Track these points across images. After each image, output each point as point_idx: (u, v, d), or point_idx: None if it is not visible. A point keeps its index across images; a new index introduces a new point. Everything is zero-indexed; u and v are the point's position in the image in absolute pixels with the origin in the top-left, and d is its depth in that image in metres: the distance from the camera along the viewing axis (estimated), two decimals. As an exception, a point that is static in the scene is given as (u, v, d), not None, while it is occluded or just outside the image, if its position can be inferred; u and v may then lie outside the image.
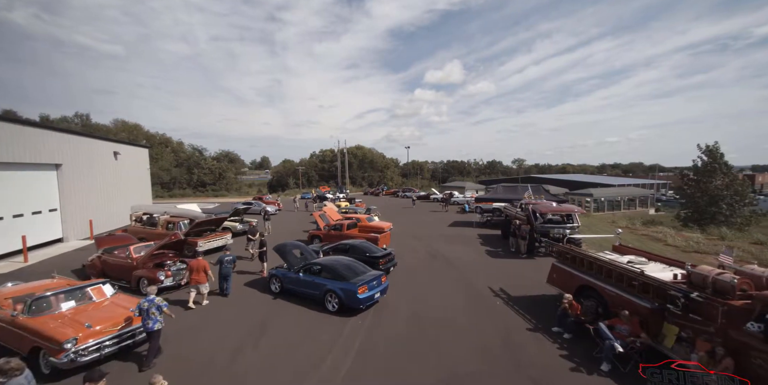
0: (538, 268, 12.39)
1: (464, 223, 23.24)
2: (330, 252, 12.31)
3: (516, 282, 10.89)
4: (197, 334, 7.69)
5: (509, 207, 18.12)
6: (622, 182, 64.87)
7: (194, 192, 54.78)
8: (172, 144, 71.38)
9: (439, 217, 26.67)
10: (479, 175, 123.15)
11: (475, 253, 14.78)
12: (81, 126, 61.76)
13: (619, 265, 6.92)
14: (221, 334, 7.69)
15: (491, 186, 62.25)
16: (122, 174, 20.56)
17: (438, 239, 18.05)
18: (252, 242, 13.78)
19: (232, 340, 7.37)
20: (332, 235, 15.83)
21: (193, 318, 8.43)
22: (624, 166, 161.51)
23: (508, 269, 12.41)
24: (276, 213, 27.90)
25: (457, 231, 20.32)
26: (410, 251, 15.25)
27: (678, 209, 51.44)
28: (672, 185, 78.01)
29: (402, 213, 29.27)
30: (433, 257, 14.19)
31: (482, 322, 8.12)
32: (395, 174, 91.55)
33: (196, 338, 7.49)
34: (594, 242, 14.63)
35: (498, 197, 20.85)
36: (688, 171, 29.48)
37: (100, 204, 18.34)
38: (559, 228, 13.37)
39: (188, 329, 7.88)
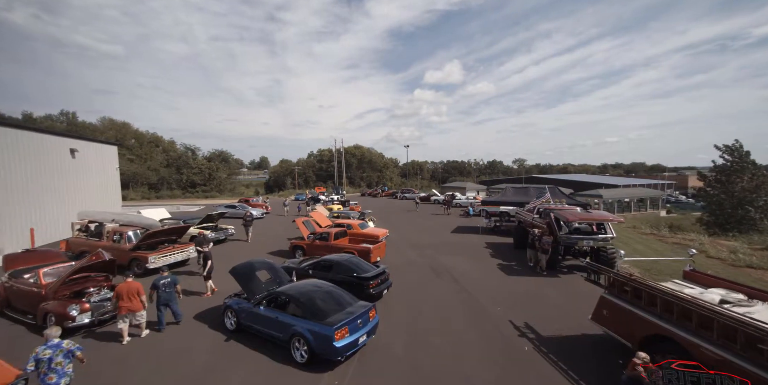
0: (566, 290, 10.04)
1: (469, 229, 20.87)
2: (309, 271, 9.95)
3: (543, 312, 8.53)
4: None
5: (523, 212, 15.76)
6: (626, 183, 62.63)
7: (183, 193, 52.36)
8: (163, 143, 69.06)
9: (441, 221, 24.30)
10: (480, 175, 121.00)
11: (485, 268, 12.40)
12: (66, 125, 59.35)
13: (727, 313, 4.54)
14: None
15: (498, 187, 59.46)
16: (82, 174, 18.16)
17: (441, 248, 15.68)
18: (202, 254, 11.47)
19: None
20: (317, 246, 13.47)
21: (110, 368, 6.04)
22: (626, 166, 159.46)
23: (529, 291, 10.05)
24: (263, 217, 25.50)
25: (462, 239, 17.95)
26: (409, 265, 12.88)
27: (688, 212, 49.27)
28: (677, 186, 75.64)
29: (401, 217, 26.89)
30: (436, 274, 11.81)
31: (510, 380, 5.76)
32: (394, 174, 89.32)
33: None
34: (639, 260, 12.26)
35: (507, 199, 18.51)
36: (711, 171, 27.12)
37: (48, 210, 15.91)
38: (588, 240, 11.01)
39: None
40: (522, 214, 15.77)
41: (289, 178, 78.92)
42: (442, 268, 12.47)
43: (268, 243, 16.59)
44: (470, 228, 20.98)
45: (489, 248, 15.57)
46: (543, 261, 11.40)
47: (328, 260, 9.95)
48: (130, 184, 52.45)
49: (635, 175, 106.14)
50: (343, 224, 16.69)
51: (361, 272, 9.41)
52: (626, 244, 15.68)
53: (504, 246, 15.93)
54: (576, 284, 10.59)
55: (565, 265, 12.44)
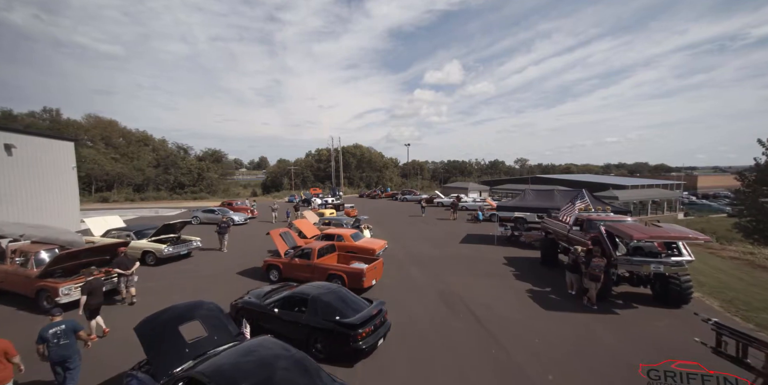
0: (628, 334, 7.22)
1: (481, 238, 17.99)
2: (274, 310, 7.09)
3: (608, 372, 5.68)
4: None
5: (551, 221, 12.91)
6: (634, 183, 59.75)
7: (170, 195, 49.46)
8: (153, 142, 66.18)
9: (447, 228, 21.42)
10: (481, 175, 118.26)
11: (512, 296, 9.53)
12: (50, 122, 56.44)
13: None
14: None
15: (501, 188, 56.69)
16: (21, 175, 15.30)
17: (451, 264, 12.82)
18: (124, 278, 8.68)
19: None
20: (296, 265, 10.61)
21: None
22: (629, 166, 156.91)
23: (579, 335, 7.19)
24: (246, 222, 22.61)
25: (474, 251, 15.07)
26: (412, 291, 10.01)
27: (705, 214, 46.37)
28: (686, 186, 72.77)
29: (403, 223, 23.99)
30: (448, 306, 8.94)
31: None
32: (394, 174, 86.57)
33: None
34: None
35: (528, 205, 15.66)
36: (751, 171, 24.21)
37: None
38: (657, 264, 8.13)
39: None
40: (551, 223, 12.91)
41: (286, 178, 76.22)
42: (455, 296, 9.59)
43: (244, 257, 13.73)
44: (482, 237, 18.10)
45: (509, 265, 12.69)
46: (592, 291, 8.52)
47: (302, 295, 7.08)
48: (114, 184, 49.64)
49: (640, 176, 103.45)
50: (332, 234, 13.85)
51: (346, 314, 6.57)
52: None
53: (527, 262, 13.06)
54: (639, 323, 7.76)
55: (617, 292, 9.58)
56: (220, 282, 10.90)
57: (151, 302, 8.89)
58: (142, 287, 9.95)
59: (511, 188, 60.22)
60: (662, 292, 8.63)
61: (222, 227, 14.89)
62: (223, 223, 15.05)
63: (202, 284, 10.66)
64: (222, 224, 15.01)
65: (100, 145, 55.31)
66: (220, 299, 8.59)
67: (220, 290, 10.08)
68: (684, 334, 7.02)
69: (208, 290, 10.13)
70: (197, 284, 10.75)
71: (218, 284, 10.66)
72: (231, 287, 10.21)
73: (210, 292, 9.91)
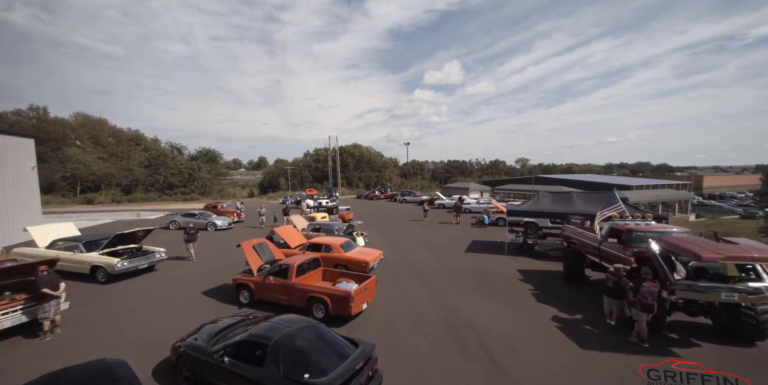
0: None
1: (488, 245, 16.10)
2: (224, 360, 5.20)
3: None
4: None
5: (574, 230, 11.03)
6: (639, 183, 58.05)
7: (160, 196, 47.52)
8: (145, 142, 64.17)
9: (450, 233, 19.52)
10: (482, 175, 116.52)
11: (537, 328, 7.63)
12: (36, 121, 54.47)
13: None
14: None
15: (502, 188, 54.55)
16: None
17: (458, 281, 10.93)
18: (52, 302, 6.84)
19: None
20: (270, 286, 8.72)
21: None
22: (631, 166, 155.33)
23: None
24: (230, 227, 20.67)
25: (483, 262, 13.18)
26: (412, 321, 8.10)
27: (717, 216, 44.47)
28: (691, 186, 71.05)
29: (401, 227, 22.08)
30: (458, 341, 7.05)
31: None
32: (394, 174, 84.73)
33: None
34: None
35: (543, 209, 13.77)
36: None
37: None
38: (729, 291, 6.24)
39: None
40: (573, 231, 11.01)
41: (283, 178, 74.38)
42: (465, 328, 7.68)
43: (217, 271, 11.82)
44: (490, 245, 16.21)
45: (526, 281, 10.80)
46: (642, 325, 6.64)
47: (260, 339, 5.18)
48: (101, 185, 47.69)
49: (642, 175, 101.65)
50: (319, 243, 11.96)
51: (320, 367, 4.70)
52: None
53: (546, 277, 11.17)
54: (710, 368, 5.86)
55: (668, 321, 7.68)
56: (179, 306, 8.99)
57: (76, 338, 7.02)
58: (74, 314, 8.08)
59: (514, 189, 58.40)
60: (730, 324, 6.75)
61: (190, 233, 13.04)
62: (191, 229, 13.18)
63: (155, 310, 8.75)
64: (190, 230, 13.14)
65: (88, 144, 53.36)
66: (172, 333, 6.72)
67: (175, 318, 8.18)
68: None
69: (159, 319, 8.22)
70: (150, 308, 8.84)
71: (176, 310, 8.76)
72: (191, 315, 8.32)
73: (162, 322, 8.01)
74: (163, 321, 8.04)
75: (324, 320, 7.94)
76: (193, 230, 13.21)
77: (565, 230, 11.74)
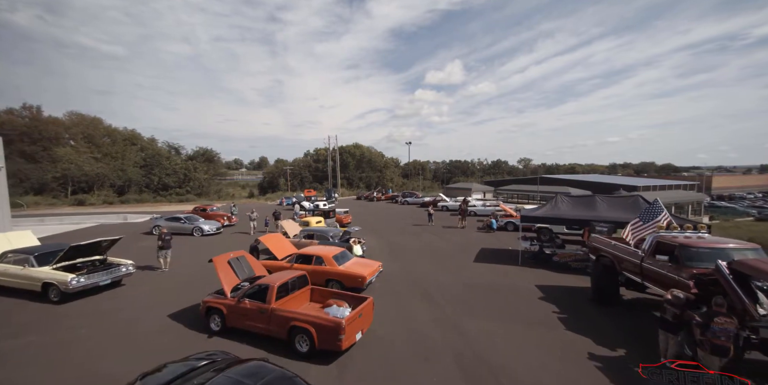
0: None
1: (500, 254, 14.59)
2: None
3: None
4: None
5: (605, 241, 9.50)
6: (646, 184, 56.44)
7: (154, 197, 46.15)
8: (141, 141, 62.85)
9: (457, 239, 18.00)
10: (484, 175, 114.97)
11: (571, 368, 6.12)
12: (29, 119, 53.23)
13: None
14: None
15: (515, 189, 52.50)
16: None
17: (468, 298, 9.42)
18: None
19: None
20: (245, 310, 7.25)
21: None
22: (635, 166, 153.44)
23: None
24: (218, 232, 19.21)
25: (496, 275, 11.68)
26: (415, 353, 6.59)
27: (731, 218, 42.70)
28: (700, 187, 69.17)
29: (403, 233, 20.57)
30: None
31: None
32: (395, 174, 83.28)
33: None
34: None
35: (562, 214, 12.23)
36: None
37: None
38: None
39: None
40: (604, 243, 9.49)
41: (282, 179, 73.03)
42: (481, 365, 6.18)
43: (192, 286, 10.35)
44: (500, 253, 14.69)
45: (548, 300, 9.28)
46: (715, 367, 5.12)
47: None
48: (94, 186, 46.35)
49: (647, 176, 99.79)
50: (309, 255, 10.49)
51: None
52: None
53: (572, 295, 9.67)
54: None
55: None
56: (139, 332, 7.53)
57: (4, 379, 5.57)
58: (14, 344, 6.64)
59: (518, 189, 56.75)
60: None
61: (165, 239, 11.63)
62: (164, 235, 11.75)
63: (111, 338, 7.30)
64: (164, 235, 11.71)
65: (82, 144, 52.09)
66: (124, 369, 5.26)
67: (133, 349, 6.73)
68: None
69: (112, 350, 6.76)
70: (106, 336, 7.38)
71: (135, 338, 7.30)
72: (150, 345, 6.89)
73: (115, 354, 6.55)
74: (116, 353, 6.60)
75: (309, 354, 6.49)
76: (167, 237, 11.78)
77: (591, 240, 10.20)
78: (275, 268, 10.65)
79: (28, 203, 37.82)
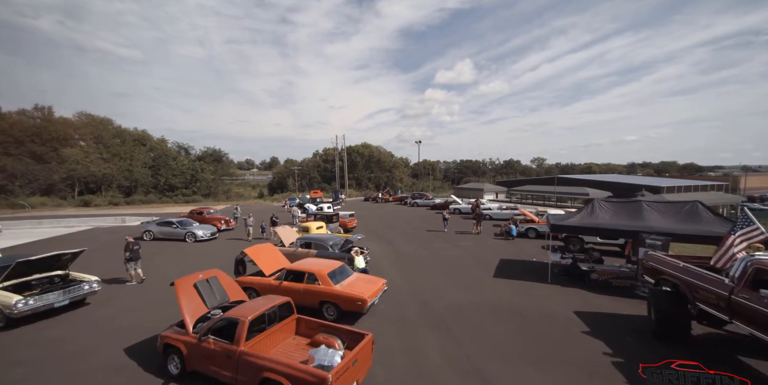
0: None
1: (525, 267, 12.70)
2: None
3: None
4: None
5: (670, 264, 7.56)
6: (671, 184, 53.00)
7: (160, 198, 45.60)
8: (150, 141, 62.82)
9: (472, 248, 16.13)
10: (495, 175, 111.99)
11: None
12: (41, 120, 53.61)
13: None
14: None
15: (530, 190, 49.45)
16: None
17: (492, 332, 7.62)
18: None
19: None
20: (207, 352, 5.66)
21: None
22: (655, 166, 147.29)
23: None
24: (213, 237, 17.85)
25: (522, 296, 9.83)
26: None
27: None
28: (728, 187, 64.94)
29: (413, 240, 18.83)
30: None
31: None
32: (405, 174, 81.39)
33: None
34: None
35: (600, 223, 10.28)
36: None
37: None
38: None
39: None
40: (667, 264, 7.55)
41: (290, 179, 72.20)
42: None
43: (164, 307, 8.86)
44: (525, 266, 12.79)
45: (593, 334, 7.40)
46: None
47: None
48: (102, 187, 46.12)
49: (669, 175, 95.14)
50: (301, 271, 8.89)
51: None
52: None
53: (621, 326, 7.77)
54: None
55: None
56: (81, 376, 6.05)
57: None
58: None
59: (533, 190, 54.09)
60: None
61: (132, 249, 10.23)
62: (132, 245, 10.35)
63: (51, 380, 5.83)
64: (131, 246, 10.31)
65: (91, 144, 52.13)
66: None
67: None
68: None
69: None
70: (47, 376, 5.93)
71: (78, 380, 5.82)
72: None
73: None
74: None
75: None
76: (135, 246, 10.39)
77: (648, 258, 8.26)
78: (261, 286, 9.11)
79: (35, 204, 37.63)
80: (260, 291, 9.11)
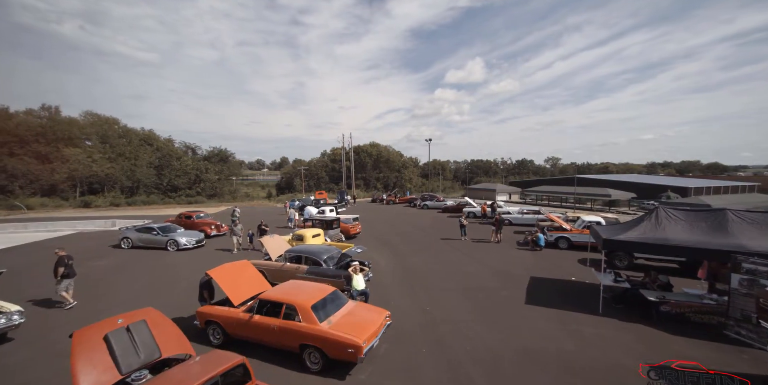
0: None
1: (564, 290, 10.29)
2: None
3: None
4: None
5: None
6: (699, 184, 49.14)
7: (162, 198, 44.45)
8: (157, 141, 62.14)
9: (494, 262, 13.73)
10: (507, 175, 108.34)
11: None
12: (47, 120, 53.35)
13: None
14: None
15: (546, 191, 45.64)
16: None
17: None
18: None
19: None
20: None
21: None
22: (677, 165, 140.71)
23: None
24: (200, 244, 15.91)
25: (568, 335, 7.48)
26: None
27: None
28: (761, 187, 60.29)
29: (424, 250, 16.54)
30: None
31: None
32: (414, 174, 78.97)
33: None
34: None
35: (674, 240, 7.77)
36: None
37: None
38: None
39: None
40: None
41: (297, 179, 70.82)
42: None
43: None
44: (564, 288, 10.37)
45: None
46: None
47: None
48: (105, 187, 45.27)
49: (692, 175, 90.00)
50: (278, 302, 6.76)
51: None
52: None
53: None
54: None
55: None
56: None
57: None
58: None
59: (549, 190, 50.86)
60: None
61: (68, 264, 8.32)
62: (68, 259, 8.44)
63: None
64: (67, 260, 8.40)
65: (96, 143, 51.54)
66: None
67: None
68: None
69: None
70: None
71: None
72: None
73: None
74: None
75: None
76: (69, 261, 8.47)
77: (760, 294, 5.82)
78: (226, 321, 7.03)
79: (35, 205, 36.78)
80: (225, 326, 7.03)
